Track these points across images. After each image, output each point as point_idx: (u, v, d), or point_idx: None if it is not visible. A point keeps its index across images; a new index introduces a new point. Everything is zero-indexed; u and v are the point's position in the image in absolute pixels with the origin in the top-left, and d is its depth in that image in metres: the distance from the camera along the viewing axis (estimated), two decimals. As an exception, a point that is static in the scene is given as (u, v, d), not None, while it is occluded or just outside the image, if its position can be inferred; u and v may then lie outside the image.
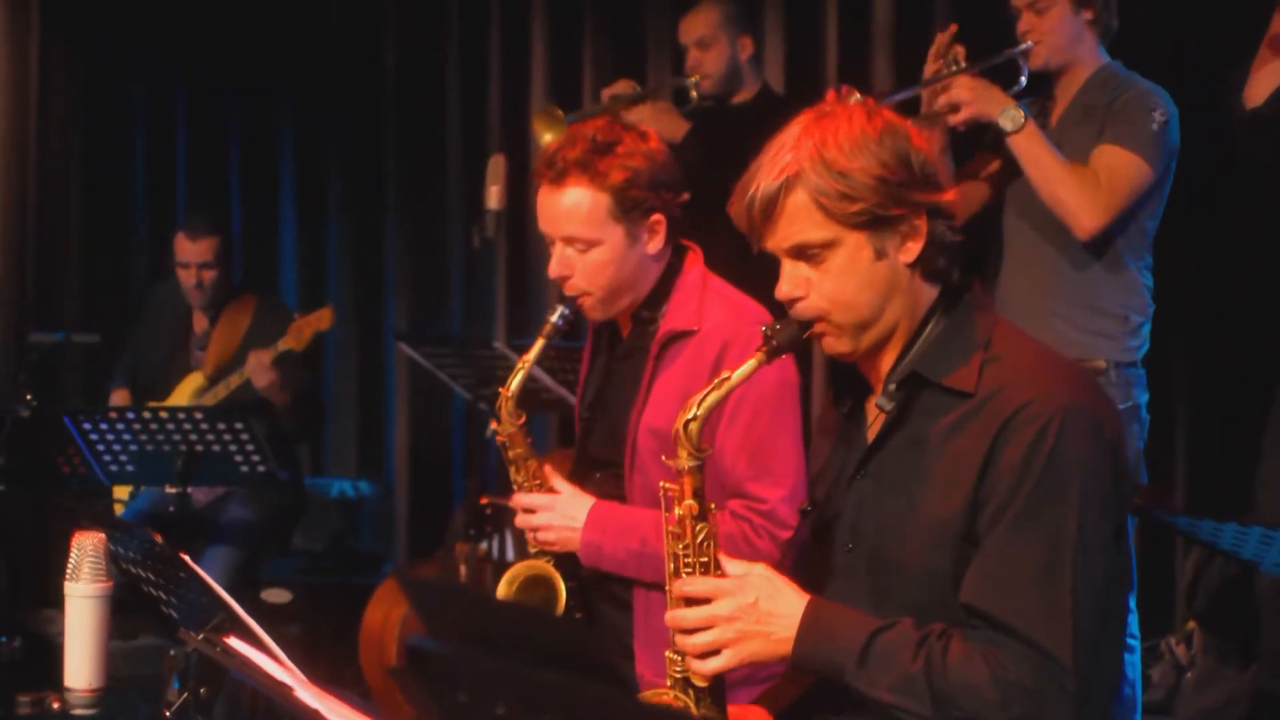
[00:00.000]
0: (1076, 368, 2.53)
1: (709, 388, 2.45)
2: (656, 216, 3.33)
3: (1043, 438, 2.29)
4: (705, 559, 2.44)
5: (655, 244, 3.35)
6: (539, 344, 3.40)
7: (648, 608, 3.32)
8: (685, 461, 2.42)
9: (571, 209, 3.29)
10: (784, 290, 2.46)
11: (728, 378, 2.45)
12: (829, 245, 2.41)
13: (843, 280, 2.42)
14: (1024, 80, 4.51)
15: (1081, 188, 4.31)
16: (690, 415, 2.41)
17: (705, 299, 3.37)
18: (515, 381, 3.38)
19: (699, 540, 2.41)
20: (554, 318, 3.37)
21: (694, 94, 5.64)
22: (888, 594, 2.41)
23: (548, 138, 4.91)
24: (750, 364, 2.43)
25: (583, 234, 3.30)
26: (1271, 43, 4.00)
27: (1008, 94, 4.39)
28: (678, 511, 2.45)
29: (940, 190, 2.43)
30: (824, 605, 2.38)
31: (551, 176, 3.30)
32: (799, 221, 2.41)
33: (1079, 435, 2.30)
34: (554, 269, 3.35)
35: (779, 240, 2.44)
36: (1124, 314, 4.43)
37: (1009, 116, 4.32)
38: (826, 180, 2.37)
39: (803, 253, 2.43)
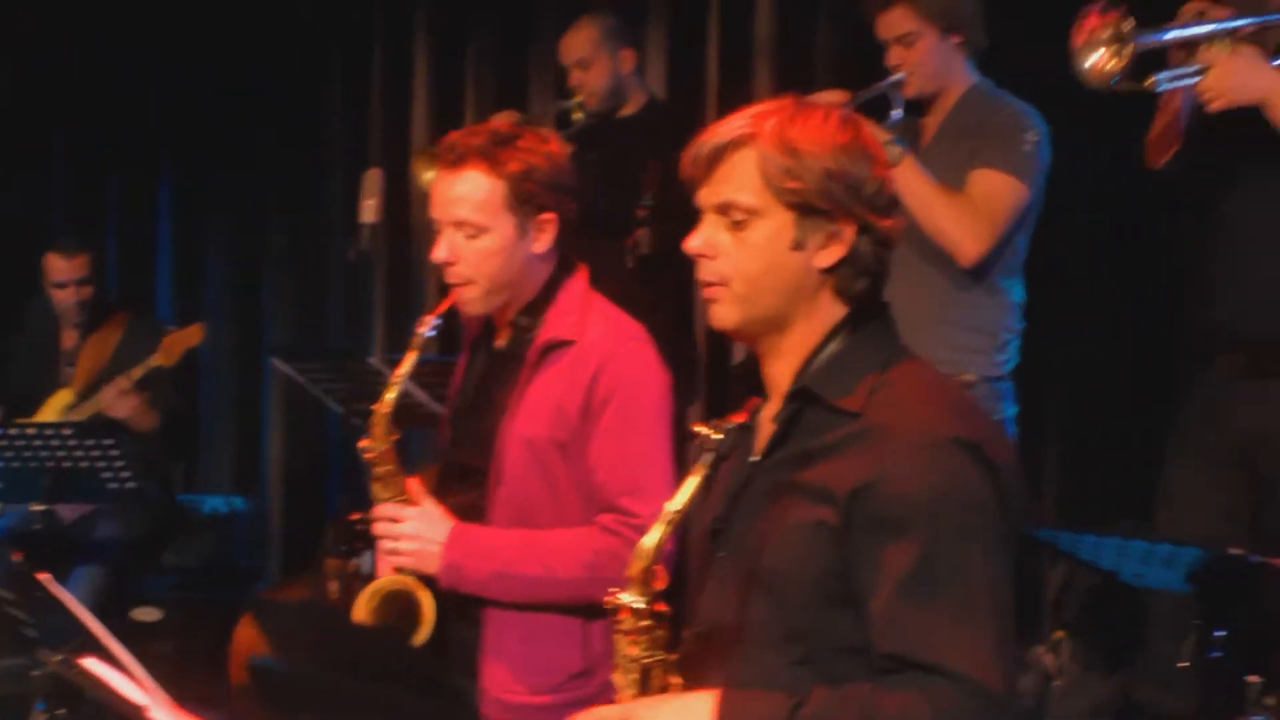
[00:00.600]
0: (968, 400, 2.52)
1: None
2: (548, 215, 3.34)
3: (925, 471, 2.27)
4: None
5: (543, 243, 3.36)
6: (411, 357, 3.38)
7: (499, 624, 3.32)
8: None
9: (466, 193, 3.31)
10: (695, 244, 2.45)
11: None
12: (755, 213, 2.39)
13: (755, 255, 2.41)
14: (899, 112, 4.55)
15: (962, 216, 4.36)
16: None
17: (587, 312, 3.38)
18: (389, 397, 3.37)
19: None
20: (424, 330, 3.36)
21: (578, 115, 5.66)
22: (758, 605, 2.42)
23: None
24: None
25: (474, 218, 3.31)
26: (1165, 115, 4.06)
27: (884, 126, 4.43)
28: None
29: (881, 216, 2.42)
30: (732, 696, 2.35)
31: (450, 160, 3.32)
32: (737, 179, 2.40)
33: (964, 468, 2.28)
34: (439, 253, 3.35)
35: (711, 192, 2.43)
36: (995, 331, 4.49)
37: (887, 152, 4.34)
38: (778, 153, 2.36)
39: (727, 212, 2.42)
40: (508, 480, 3.33)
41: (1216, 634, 2.91)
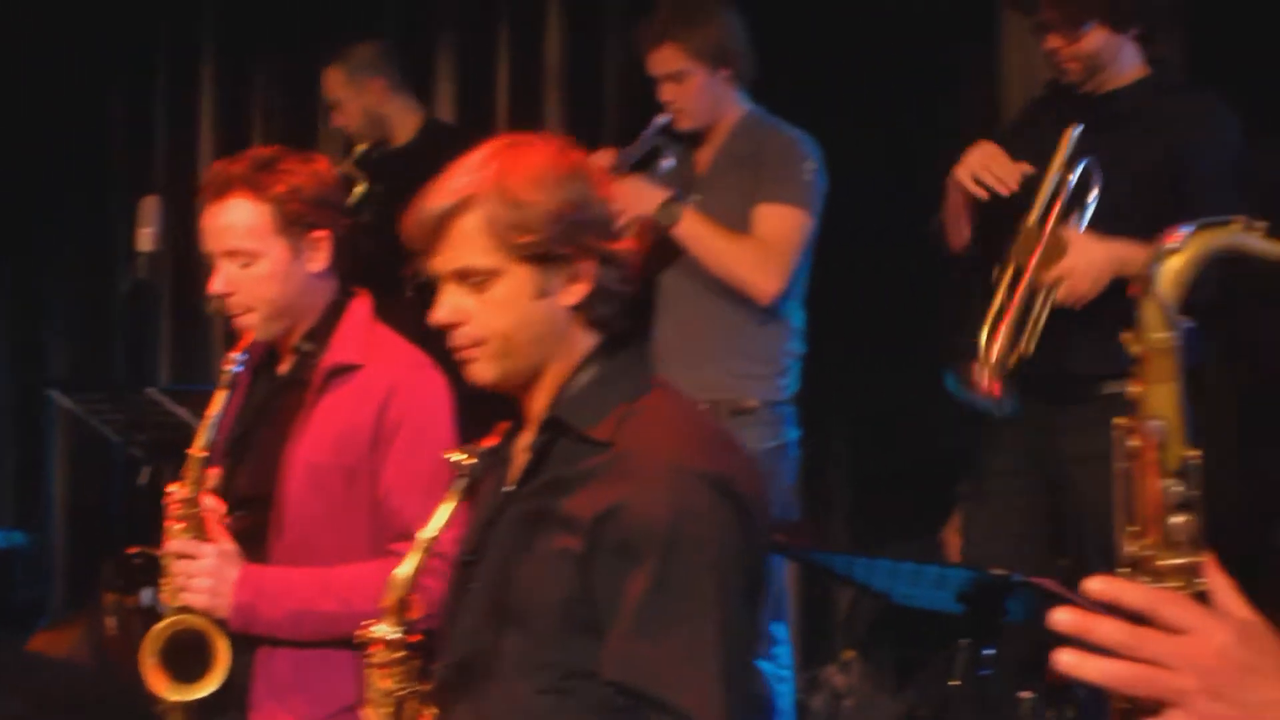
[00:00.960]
0: (717, 431, 2.54)
1: None
2: (320, 233, 3.32)
3: (667, 500, 2.29)
4: None
5: (319, 261, 3.33)
6: (221, 396, 3.30)
7: (268, 653, 3.27)
8: None
9: (233, 222, 3.28)
10: (440, 315, 2.44)
11: None
12: (493, 274, 2.39)
13: (502, 312, 2.40)
14: (670, 161, 4.59)
15: (753, 259, 4.42)
16: None
17: (372, 337, 3.35)
18: (201, 442, 3.27)
19: None
20: (231, 367, 3.30)
21: (360, 147, 5.63)
22: (508, 636, 2.40)
23: None
24: None
25: (244, 246, 3.28)
26: (951, 204, 4.16)
27: (656, 175, 4.47)
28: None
29: (616, 240, 2.43)
30: None
31: (214, 191, 3.29)
32: (467, 245, 2.39)
33: (707, 498, 2.30)
34: (216, 285, 3.31)
35: (445, 261, 2.42)
36: (775, 357, 4.54)
37: (665, 213, 4.39)
38: (502, 208, 2.35)
39: (466, 278, 2.41)
40: (290, 507, 3.28)
41: (985, 653, 2.96)
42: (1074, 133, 3.88)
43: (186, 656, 3.22)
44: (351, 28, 6.45)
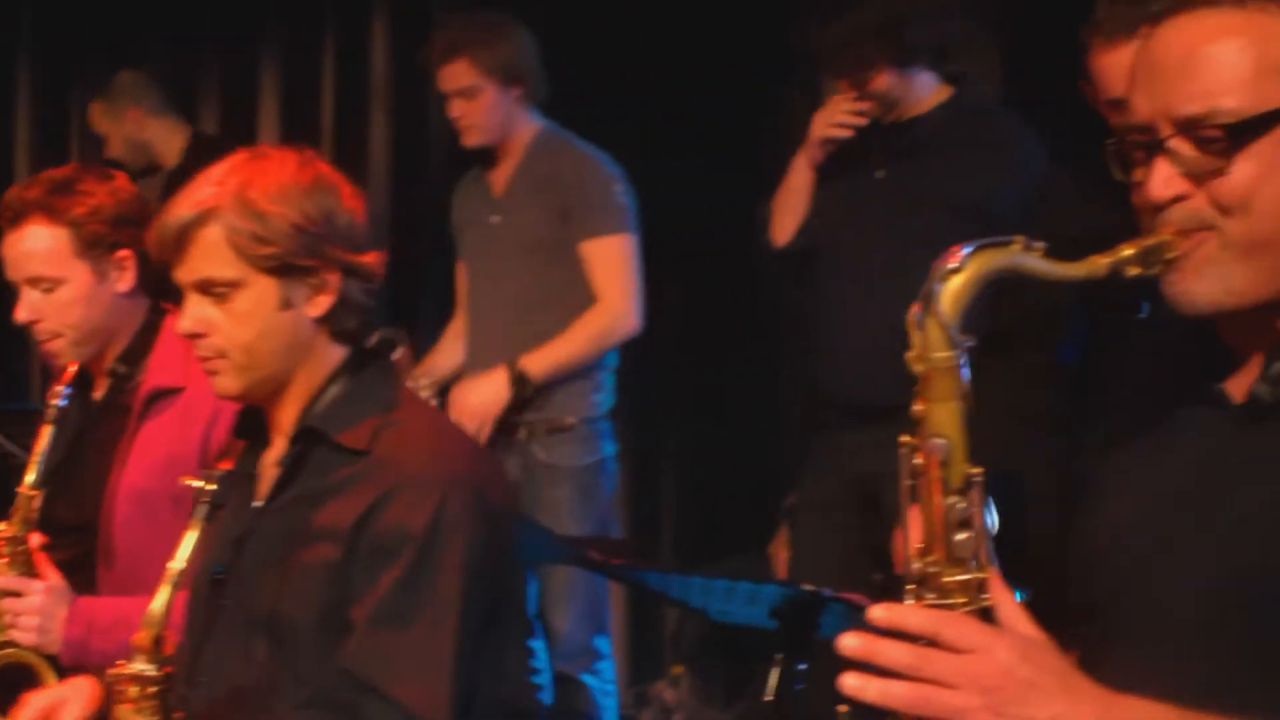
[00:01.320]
0: (469, 441, 2.58)
1: None
2: (124, 252, 3.27)
3: (424, 506, 2.32)
4: None
5: (125, 281, 3.28)
6: (47, 431, 3.21)
7: None
8: None
9: (32, 248, 3.22)
10: (184, 326, 2.45)
11: None
12: (236, 285, 2.40)
13: (245, 324, 2.41)
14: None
15: (603, 322, 4.48)
16: None
17: (190, 358, 3.29)
18: (30, 479, 3.17)
19: None
20: (57, 401, 3.22)
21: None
22: (266, 651, 2.39)
23: None
24: None
25: (45, 272, 3.22)
26: (788, 185, 4.22)
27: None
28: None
29: (361, 252, 2.44)
30: None
31: (9, 219, 3.23)
32: (209, 256, 2.39)
33: (462, 506, 2.34)
34: (21, 314, 3.26)
35: (187, 272, 2.43)
36: (590, 373, 4.55)
37: (520, 389, 4.39)
38: (243, 219, 2.36)
39: (208, 289, 2.41)
40: (118, 535, 3.23)
41: (799, 667, 2.97)
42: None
43: (17, 690, 3.14)
44: (173, 43, 6.39)
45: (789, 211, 4.21)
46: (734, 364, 5.47)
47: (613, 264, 4.50)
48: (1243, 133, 1.64)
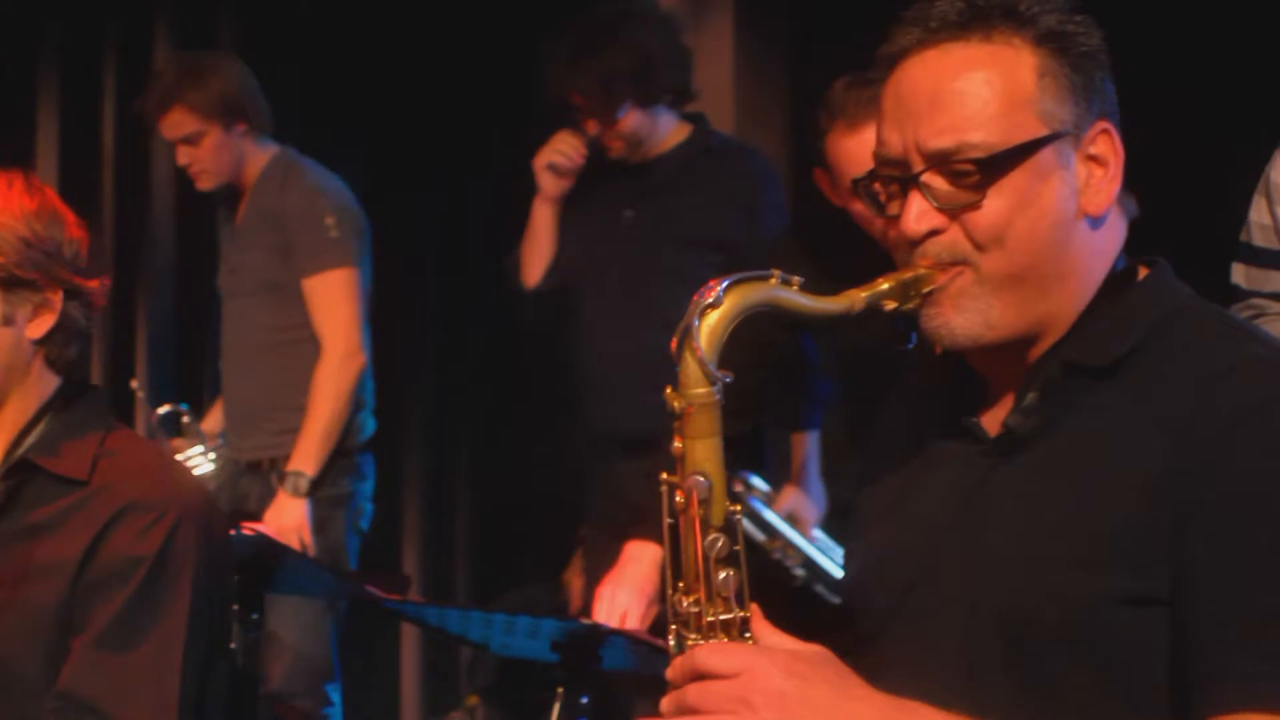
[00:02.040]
0: (187, 472, 2.54)
1: None
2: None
3: (157, 530, 2.30)
4: None
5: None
6: None
7: None
8: None
9: None
10: None
11: None
12: None
13: None
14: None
15: (329, 368, 4.35)
16: None
17: None
18: None
19: None
20: None
21: None
22: None
23: None
24: None
25: None
26: (531, 227, 4.26)
27: None
28: None
29: (86, 277, 2.41)
30: None
31: None
32: None
33: (194, 533, 2.32)
34: None
35: None
36: None
37: (295, 487, 4.27)
38: None
39: None
40: None
41: (581, 700, 2.96)
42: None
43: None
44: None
45: (535, 252, 4.25)
46: (526, 393, 5.45)
47: (329, 303, 4.40)
48: (994, 167, 1.65)
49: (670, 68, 4.09)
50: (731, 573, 1.66)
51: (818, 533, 3.75)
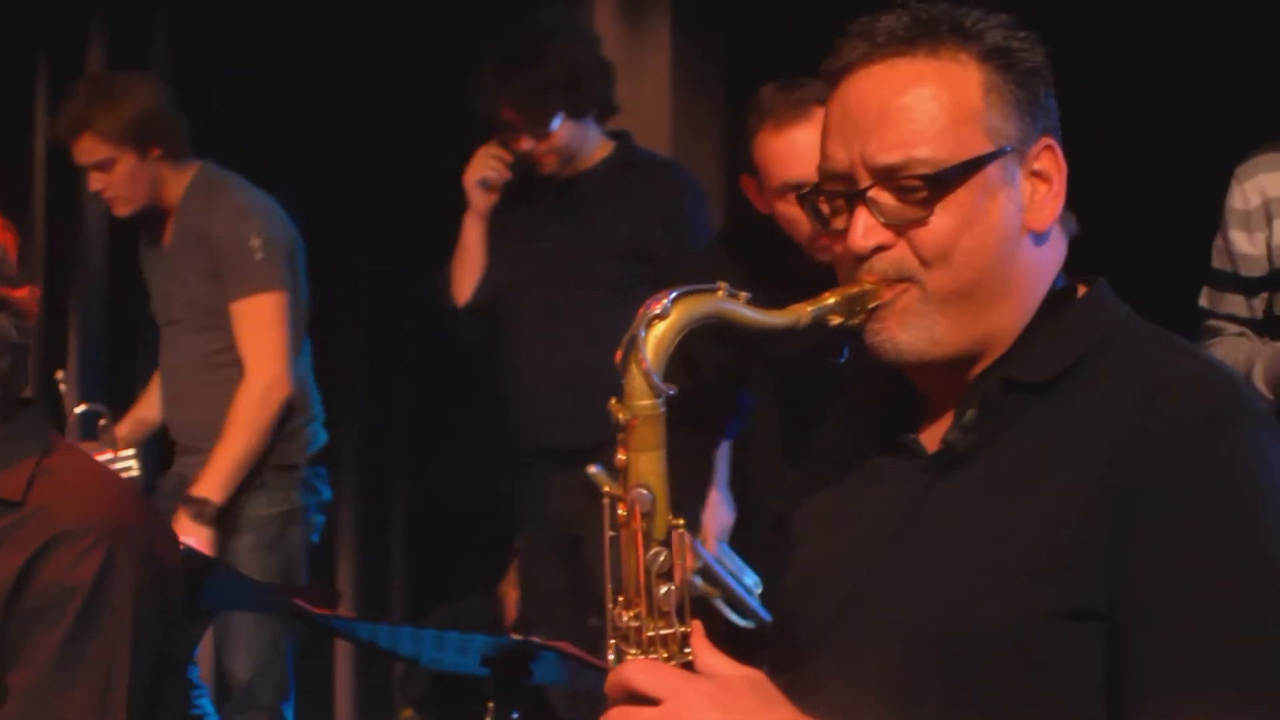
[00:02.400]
0: (131, 489, 2.47)
1: None
2: None
3: (90, 558, 2.23)
4: None
5: None
6: None
7: None
8: None
9: None
10: None
11: None
12: None
13: None
14: None
15: (250, 396, 4.24)
16: None
17: None
18: None
19: None
20: None
21: None
22: None
23: None
24: None
25: None
26: (462, 243, 4.25)
27: None
28: None
29: (14, 286, 2.35)
30: None
31: None
32: None
33: (130, 558, 2.26)
34: None
35: None
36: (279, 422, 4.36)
37: (196, 510, 4.18)
38: None
39: None
40: None
41: (513, 716, 2.94)
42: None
43: None
44: None
45: (466, 268, 4.26)
46: (462, 405, 5.43)
47: (255, 328, 4.27)
48: (941, 183, 1.65)
49: (599, 80, 4.13)
50: (673, 587, 1.64)
51: (723, 546, 3.72)
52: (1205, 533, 1.55)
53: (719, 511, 3.90)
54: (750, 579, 3.60)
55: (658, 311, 1.63)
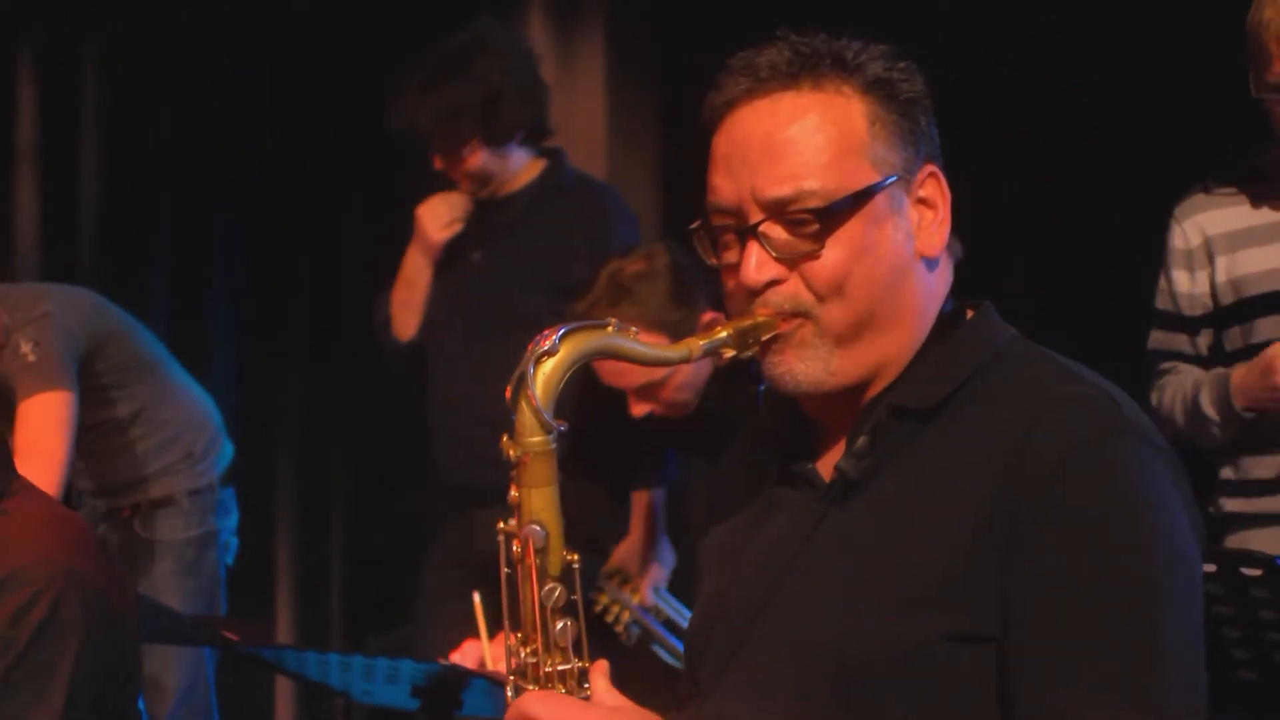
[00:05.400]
0: (87, 536, 2.44)
1: None
2: None
3: (35, 605, 2.21)
4: None
5: None
6: None
7: None
8: None
9: None
10: None
11: None
12: None
13: None
14: None
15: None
16: None
17: None
18: None
19: None
20: None
21: None
22: None
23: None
24: None
25: None
26: (408, 279, 4.17)
27: None
28: None
29: None
30: None
31: None
32: None
33: (79, 607, 2.23)
34: None
35: None
36: (180, 443, 4.30)
37: None
38: None
39: None
40: None
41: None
42: None
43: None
44: None
45: (410, 306, 4.16)
46: (400, 433, 5.41)
47: (40, 433, 3.97)
48: (831, 215, 1.66)
49: (521, 105, 4.00)
50: (569, 622, 1.65)
51: (661, 590, 3.70)
52: (1089, 551, 1.57)
53: (659, 558, 3.88)
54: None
55: (546, 348, 1.64)
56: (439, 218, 4.09)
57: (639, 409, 3.16)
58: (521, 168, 4.07)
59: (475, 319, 4.04)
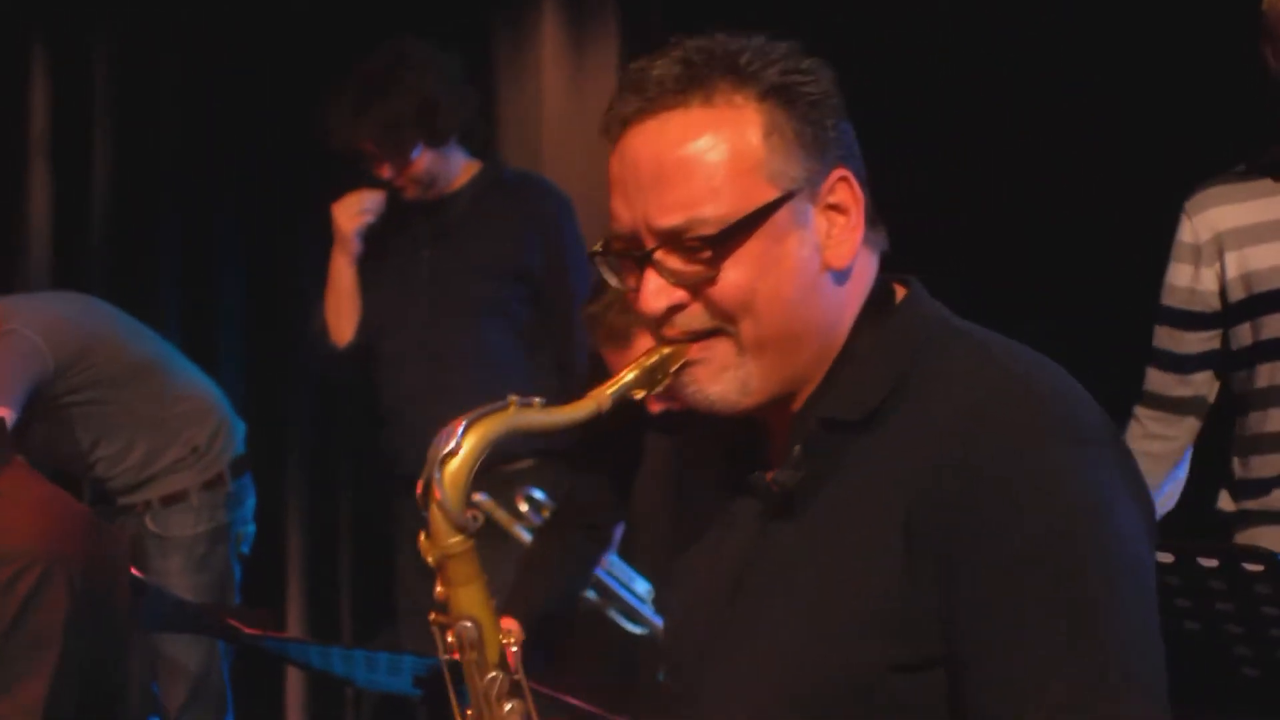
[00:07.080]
0: (81, 516, 2.45)
1: None
2: None
3: (15, 588, 2.25)
4: None
5: None
6: None
7: None
8: None
9: None
10: None
11: None
12: None
13: None
14: None
15: None
16: None
17: None
18: None
19: None
20: None
21: None
22: None
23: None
24: None
25: None
26: (335, 286, 4.28)
27: None
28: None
29: None
30: None
31: None
32: None
33: (60, 586, 2.26)
34: None
35: None
36: (182, 439, 4.37)
37: None
38: None
39: None
40: None
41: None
42: None
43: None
44: None
45: (343, 312, 4.29)
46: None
47: None
48: (726, 240, 1.60)
49: (455, 106, 4.18)
50: (517, 703, 1.67)
51: (612, 557, 3.75)
52: (1026, 564, 1.52)
53: None
54: (641, 586, 3.65)
55: (449, 448, 1.61)
56: (348, 208, 4.25)
57: (656, 406, 3.22)
58: (460, 169, 4.25)
59: (432, 309, 4.21)
